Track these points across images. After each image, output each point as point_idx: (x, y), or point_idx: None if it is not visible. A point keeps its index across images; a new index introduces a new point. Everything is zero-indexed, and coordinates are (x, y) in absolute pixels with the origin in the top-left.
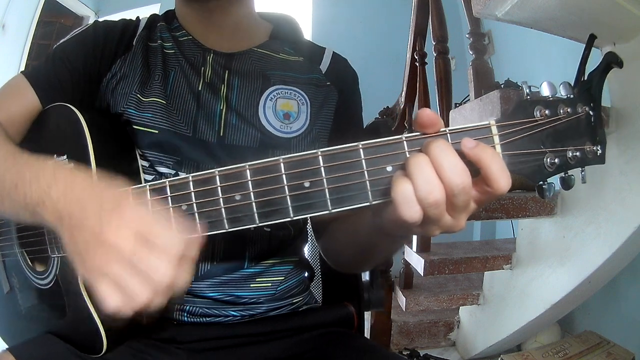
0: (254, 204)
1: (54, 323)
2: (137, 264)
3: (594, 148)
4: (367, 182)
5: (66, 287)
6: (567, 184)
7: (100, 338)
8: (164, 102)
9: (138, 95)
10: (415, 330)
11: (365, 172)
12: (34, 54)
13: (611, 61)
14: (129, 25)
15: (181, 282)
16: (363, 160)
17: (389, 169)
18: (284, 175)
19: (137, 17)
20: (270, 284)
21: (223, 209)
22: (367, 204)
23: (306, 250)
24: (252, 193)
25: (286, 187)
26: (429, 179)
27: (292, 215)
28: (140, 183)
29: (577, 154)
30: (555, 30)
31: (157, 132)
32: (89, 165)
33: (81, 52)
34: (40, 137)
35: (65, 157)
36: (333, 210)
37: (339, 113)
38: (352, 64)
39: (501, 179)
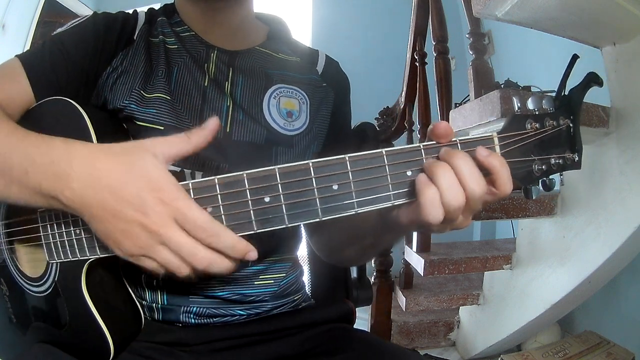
0: (283, 205)
1: (52, 332)
2: (180, 252)
3: (572, 156)
4: (390, 185)
5: (67, 295)
6: (548, 186)
7: (107, 345)
8: (169, 97)
9: (141, 91)
10: (415, 330)
11: (389, 176)
12: (36, 45)
13: (592, 80)
14: (128, 19)
15: (227, 268)
16: (386, 166)
17: (409, 173)
18: (313, 179)
19: (135, 11)
20: (272, 281)
21: (252, 211)
22: (390, 204)
23: (301, 248)
24: (282, 195)
25: (316, 189)
26: (453, 186)
27: (321, 216)
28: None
29: (559, 161)
30: (555, 30)
31: (161, 128)
32: None
33: (80, 46)
34: (37, 132)
35: None
36: (359, 211)
37: (335, 114)
38: (352, 64)
39: (507, 183)
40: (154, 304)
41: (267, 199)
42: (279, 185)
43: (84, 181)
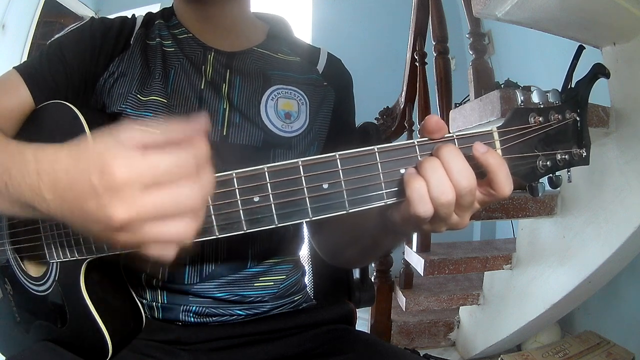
0: (273, 205)
1: (53, 330)
2: (164, 211)
3: (580, 151)
4: (382, 183)
5: (67, 294)
6: (555, 183)
7: (106, 343)
8: (165, 100)
9: (137, 95)
10: (415, 330)
11: (381, 174)
12: (34, 54)
13: (598, 72)
14: (125, 24)
15: (208, 185)
16: (379, 163)
17: (402, 171)
18: (303, 178)
19: (133, 15)
20: (272, 283)
21: (241, 211)
22: (383, 203)
23: (304, 249)
24: (271, 195)
25: (305, 188)
26: (442, 181)
27: (311, 216)
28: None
29: (566, 156)
30: (555, 30)
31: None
32: None
33: (78, 51)
34: (36, 136)
35: None
36: (350, 211)
37: (336, 113)
38: (352, 64)
39: (506, 184)
40: (154, 303)
41: (256, 199)
42: (268, 184)
43: (51, 189)
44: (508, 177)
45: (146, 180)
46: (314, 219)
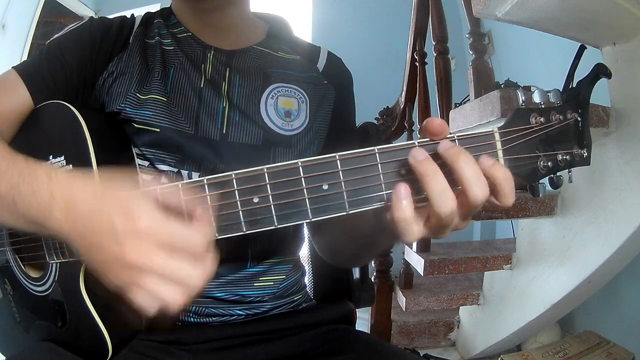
0: (272, 206)
1: (53, 331)
2: (168, 274)
3: (581, 151)
4: (383, 184)
5: (66, 294)
6: (556, 184)
7: (105, 344)
8: (164, 99)
9: (136, 93)
10: (415, 330)
11: (381, 175)
12: (32, 54)
13: (600, 72)
14: (125, 23)
15: (209, 273)
16: (379, 164)
17: (403, 172)
18: (302, 178)
19: (132, 15)
20: (272, 283)
21: (241, 212)
22: (383, 204)
23: (304, 249)
24: (270, 196)
25: (305, 189)
26: (445, 192)
27: (311, 217)
28: (138, 183)
29: (567, 157)
30: (555, 30)
31: (158, 130)
32: (90, 166)
33: (77, 50)
34: (35, 137)
35: (62, 157)
36: (350, 212)
37: (336, 111)
38: (352, 64)
39: (510, 196)
40: None
41: (256, 200)
42: (268, 185)
43: (64, 211)
44: (512, 190)
45: (162, 240)
46: (313, 220)
